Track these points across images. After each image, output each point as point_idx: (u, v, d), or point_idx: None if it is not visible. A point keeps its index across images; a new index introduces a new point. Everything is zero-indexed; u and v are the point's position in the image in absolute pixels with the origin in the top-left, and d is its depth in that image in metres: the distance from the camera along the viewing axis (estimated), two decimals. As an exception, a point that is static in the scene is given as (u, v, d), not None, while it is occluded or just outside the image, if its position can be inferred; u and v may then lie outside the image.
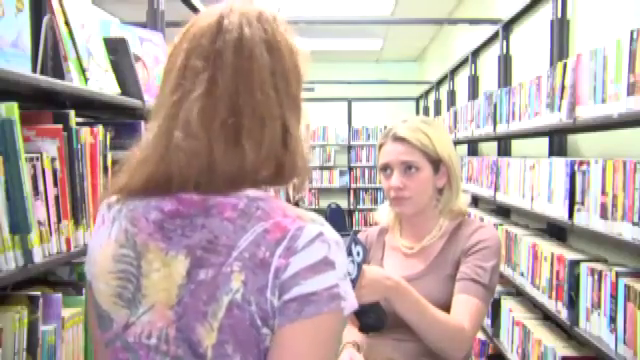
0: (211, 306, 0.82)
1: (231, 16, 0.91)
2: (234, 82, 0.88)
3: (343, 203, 9.49)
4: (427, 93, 8.55)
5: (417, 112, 9.22)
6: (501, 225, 3.41)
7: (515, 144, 4.13)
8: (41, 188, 1.40)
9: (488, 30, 4.61)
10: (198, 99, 0.87)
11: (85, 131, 1.62)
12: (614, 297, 2.02)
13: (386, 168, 1.61)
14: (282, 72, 0.91)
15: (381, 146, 1.64)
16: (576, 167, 2.33)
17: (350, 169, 9.48)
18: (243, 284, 0.81)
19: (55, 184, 1.46)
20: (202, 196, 0.88)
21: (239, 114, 0.87)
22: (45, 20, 1.64)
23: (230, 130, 0.86)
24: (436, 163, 1.59)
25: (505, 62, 4.23)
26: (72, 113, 1.57)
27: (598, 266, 2.22)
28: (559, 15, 3.13)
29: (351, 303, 0.85)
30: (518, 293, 3.26)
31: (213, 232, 0.85)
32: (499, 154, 4.15)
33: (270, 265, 0.82)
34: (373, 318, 1.42)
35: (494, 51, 4.58)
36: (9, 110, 1.29)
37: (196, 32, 0.91)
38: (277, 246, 0.83)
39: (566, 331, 2.52)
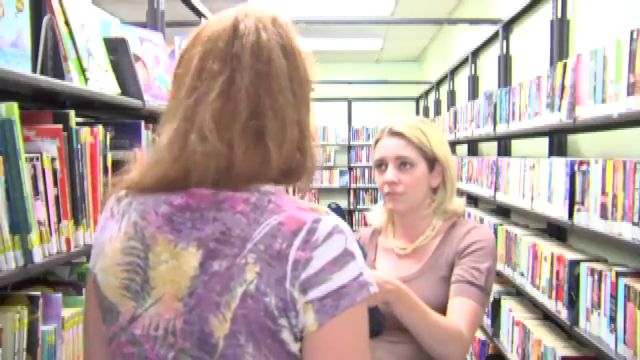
0: (224, 297, 0.83)
1: (246, 20, 0.91)
2: (254, 85, 0.88)
3: (343, 203, 9.50)
4: (427, 93, 8.55)
5: (417, 112, 9.22)
6: (501, 225, 3.41)
7: (515, 144, 4.13)
8: (41, 188, 1.40)
9: (488, 30, 4.61)
10: (215, 101, 0.87)
11: (85, 131, 1.62)
12: (614, 297, 2.02)
13: (381, 164, 1.61)
14: (298, 76, 0.92)
15: (377, 142, 1.63)
16: (576, 167, 2.33)
17: (350, 169, 9.48)
18: (258, 275, 0.82)
19: (55, 184, 1.46)
20: (213, 190, 0.89)
21: (261, 117, 0.88)
22: (45, 20, 1.64)
23: (252, 132, 0.87)
24: (431, 161, 1.58)
25: (505, 62, 4.23)
26: (72, 113, 1.57)
27: (598, 266, 2.22)
28: (559, 15, 3.13)
29: (375, 285, 0.88)
30: (518, 293, 3.26)
31: (226, 224, 0.86)
32: (499, 154, 4.15)
33: (287, 257, 0.83)
34: (374, 322, 1.41)
35: (494, 51, 4.58)
36: (9, 110, 1.29)
37: (210, 35, 0.91)
38: (294, 238, 0.84)
39: (566, 331, 2.52)
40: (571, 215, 2.35)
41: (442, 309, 1.47)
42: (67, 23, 1.70)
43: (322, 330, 0.83)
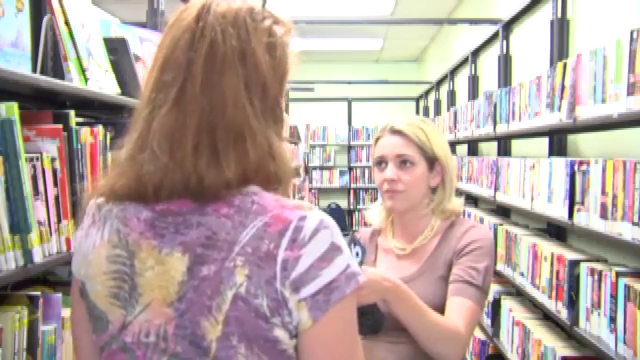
0: (215, 300, 0.83)
1: (207, 18, 0.89)
2: (205, 97, 0.86)
3: (343, 203, 9.50)
4: (427, 93, 8.55)
5: (417, 112, 9.22)
6: (501, 225, 3.41)
7: (515, 144, 4.13)
8: (41, 188, 1.40)
9: (488, 30, 4.61)
10: (165, 116, 0.87)
11: (85, 131, 1.62)
12: (614, 297, 2.02)
13: (381, 162, 1.60)
14: (257, 82, 0.89)
15: (377, 140, 1.63)
16: (576, 167, 2.33)
17: (350, 169, 9.49)
18: (247, 278, 0.82)
19: (55, 184, 1.46)
20: (192, 199, 0.88)
21: (212, 131, 0.86)
22: (45, 20, 1.64)
23: (205, 147, 0.86)
24: (431, 161, 1.58)
25: (505, 62, 4.23)
26: (72, 113, 1.57)
27: (598, 266, 2.22)
28: (559, 15, 3.13)
29: (363, 274, 0.89)
30: (518, 293, 3.26)
31: (211, 229, 0.86)
32: (499, 154, 4.15)
33: (276, 257, 0.83)
34: (371, 320, 1.42)
35: (494, 51, 4.58)
36: (9, 110, 1.29)
37: (174, 35, 0.90)
38: (281, 237, 0.84)
39: (566, 331, 2.52)
40: (571, 215, 2.35)
41: (441, 309, 1.47)
42: (67, 23, 1.70)
43: (316, 325, 0.84)
